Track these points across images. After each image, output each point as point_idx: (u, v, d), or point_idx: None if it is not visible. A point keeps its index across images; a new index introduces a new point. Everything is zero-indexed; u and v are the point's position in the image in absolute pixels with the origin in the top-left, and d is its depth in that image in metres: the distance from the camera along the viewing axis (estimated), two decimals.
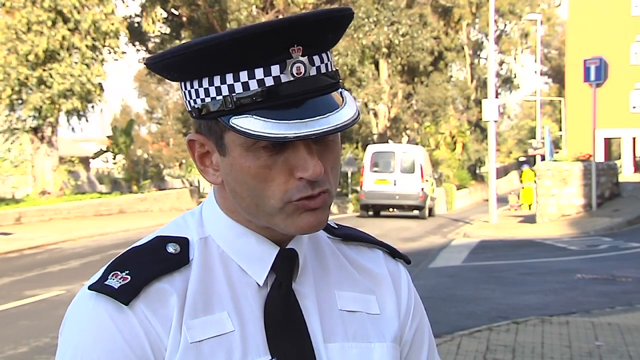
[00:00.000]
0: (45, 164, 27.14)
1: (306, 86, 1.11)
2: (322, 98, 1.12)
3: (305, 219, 1.14)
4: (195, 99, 1.15)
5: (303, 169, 1.11)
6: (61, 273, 12.79)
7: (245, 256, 1.19)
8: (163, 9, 35.16)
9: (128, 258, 1.18)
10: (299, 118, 1.09)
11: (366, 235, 1.35)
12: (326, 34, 1.13)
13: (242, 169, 1.13)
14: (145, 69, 39.47)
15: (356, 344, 1.23)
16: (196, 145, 1.20)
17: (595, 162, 21.15)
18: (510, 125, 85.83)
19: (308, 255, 1.25)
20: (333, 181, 1.16)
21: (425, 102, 43.11)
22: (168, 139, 64.17)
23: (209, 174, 1.20)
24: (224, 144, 1.15)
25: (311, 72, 1.11)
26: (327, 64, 1.15)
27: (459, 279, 11.58)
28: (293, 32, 1.09)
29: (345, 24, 1.16)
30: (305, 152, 1.12)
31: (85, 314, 1.14)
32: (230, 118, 1.11)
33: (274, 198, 1.13)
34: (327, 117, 1.10)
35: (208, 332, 1.14)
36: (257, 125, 1.09)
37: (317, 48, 1.13)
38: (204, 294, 1.16)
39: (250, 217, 1.18)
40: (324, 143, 1.14)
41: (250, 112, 1.10)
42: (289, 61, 1.10)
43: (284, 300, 1.19)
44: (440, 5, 48.52)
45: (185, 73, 1.15)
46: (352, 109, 1.13)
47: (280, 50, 1.09)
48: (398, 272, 1.34)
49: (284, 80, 1.10)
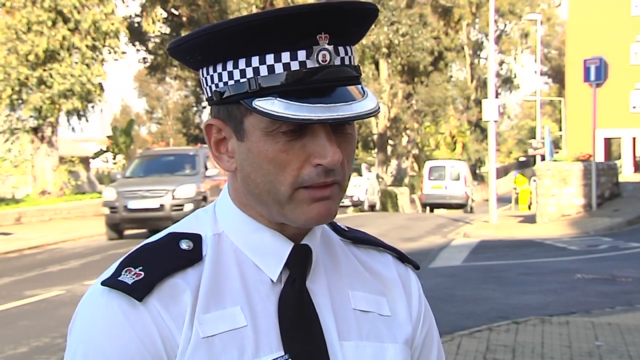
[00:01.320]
0: (45, 164, 27.13)
1: (330, 74, 1.12)
2: (344, 88, 1.13)
3: (316, 209, 1.14)
4: (218, 83, 1.15)
5: (321, 155, 1.11)
6: (61, 273, 12.79)
7: (259, 252, 1.19)
8: (163, 9, 35.16)
9: (141, 254, 1.18)
10: (322, 103, 1.10)
11: (376, 239, 1.35)
12: (352, 25, 1.14)
13: (260, 152, 1.13)
14: (145, 69, 39.47)
15: (370, 343, 1.22)
16: (213, 131, 1.19)
17: (595, 162, 21.14)
18: (510, 125, 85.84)
19: (320, 254, 1.24)
20: (347, 173, 1.17)
21: (425, 102, 43.10)
22: (168, 139, 64.20)
23: (223, 160, 1.20)
24: (243, 129, 1.14)
25: (336, 61, 1.12)
26: (351, 57, 1.16)
27: (459, 279, 11.58)
28: (322, 18, 1.10)
29: (370, 19, 1.17)
30: (325, 138, 1.12)
31: (98, 309, 1.14)
32: (254, 100, 1.11)
33: (285, 184, 1.13)
34: (350, 105, 1.11)
35: (220, 327, 1.14)
36: (281, 107, 1.09)
37: (342, 39, 1.14)
38: (217, 289, 1.16)
39: (261, 207, 1.17)
40: (342, 134, 1.14)
41: (274, 95, 1.10)
42: (316, 47, 1.11)
43: (297, 297, 1.18)
44: (440, 5, 48.51)
45: (209, 55, 1.15)
46: (373, 102, 1.14)
47: (308, 35, 1.10)
48: (408, 277, 1.34)
49: (310, 66, 1.10)
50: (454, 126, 51.02)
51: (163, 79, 45.18)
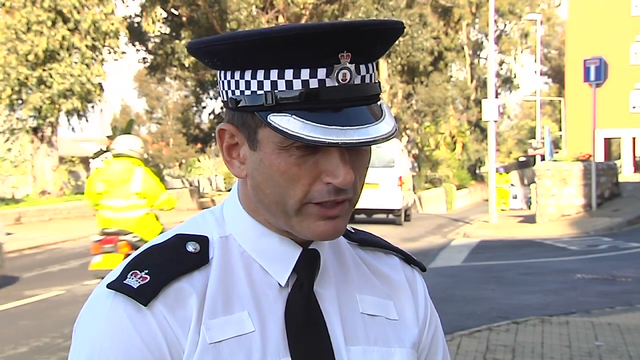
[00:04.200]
0: (45, 164, 27.13)
1: (349, 94, 1.10)
2: (362, 108, 1.11)
3: (322, 227, 1.13)
4: (234, 90, 1.13)
5: (333, 175, 1.10)
6: (61, 273, 12.79)
7: (267, 256, 1.18)
8: (163, 9, 35.13)
9: (147, 257, 1.16)
10: (337, 125, 1.07)
11: (382, 240, 1.34)
12: (376, 44, 1.12)
13: (272, 165, 1.12)
14: (145, 69, 39.45)
15: (377, 347, 1.22)
16: (226, 135, 1.18)
17: (595, 162, 21.14)
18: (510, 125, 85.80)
19: (329, 258, 1.23)
20: (358, 190, 1.15)
21: (425, 102, 43.10)
22: (168, 139, 64.20)
23: (234, 166, 1.18)
24: (256, 139, 1.13)
25: (356, 80, 1.10)
26: (372, 74, 1.14)
27: (459, 279, 11.58)
28: (346, 38, 1.08)
29: (395, 37, 1.14)
30: (338, 158, 1.10)
31: (103, 313, 1.13)
32: (269, 115, 1.09)
33: (294, 198, 1.12)
34: (366, 128, 1.09)
35: (227, 333, 1.13)
36: (296, 126, 1.07)
37: (364, 57, 1.11)
38: (224, 293, 1.14)
39: (269, 216, 1.16)
40: (357, 152, 1.13)
41: (290, 112, 1.08)
42: (337, 66, 1.09)
43: (305, 302, 1.17)
44: (440, 5, 48.49)
45: (229, 62, 1.13)
46: (389, 125, 1.12)
47: (330, 53, 1.08)
48: (414, 279, 1.33)
49: (329, 85, 1.09)
50: (453, 126, 51.01)
51: (163, 79, 45.13)
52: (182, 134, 45.58)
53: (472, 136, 54.26)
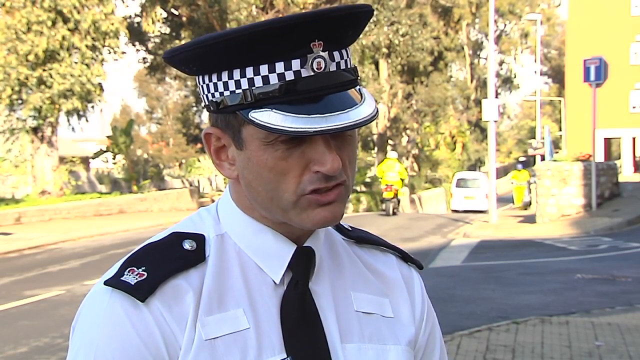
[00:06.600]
0: (45, 164, 27.12)
1: (326, 81, 1.11)
2: (341, 94, 1.12)
3: (321, 214, 1.14)
4: (214, 93, 1.14)
5: (320, 163, 1.11)
6: (61, 273, 12.79)
7: (262, 253, 1.19)
8: (163, 9, 35.13)
9: (144, 254, 1.17)
10: (318, 113, 1.09)
11: (379, 238, 1.35)
12: (347, 30, 1.13)
13: (260, 162, 1.13)
14: (145, 69, 39.45)
15: (372, 345, 1.22)
16: (212, 139, 1.19)
17: (595, 162, 21.13)
18: (510, 125, 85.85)
19: (324, 255, 1.24)
20: (350, 174, 1.16)
21: (425, 102, 43.07)
22: (168, 139, 64.20)
23: (224, 168, 1.19)
24: (241, 138, 1.14)
25: (331, 67, 1.11)
26: (347, 60, 1.14)
27: (459, 279, 11.58)
28: (315, 27, 1.09)
29: (365, 21, 1.15)
30: (323, 146, 1.11)
31: (101, 309, 1.14)
32: (250, 112, 1.10)
33: (288, 191, 1.13)
34: (347, 113, 1.10)
35: (223, 329, 1.13)
36: (277, 119, 1.08)
37: (337, 44, 1.12)
38: (220, 291, 1.15)
39: (265, 212, 1.17)
40: (342, 137, 1.14)
41: (270, 106, 1.09)
42: (310, 56, 1.10)
43: (300, 299, 1.18)
44: (440, 5, 48.49)
45: (204, 66, 1.14)
46: (370, 107, 1.13)
47: (302, 44, 1.09)
48: (411, 277, 1.34)
49: (304, 75, 1.10)
50: (453, 126, 51.01)
51: (163, 79, 45.16)
52: (182, 134, 45.65)
53: (472, 136, 54.28)
